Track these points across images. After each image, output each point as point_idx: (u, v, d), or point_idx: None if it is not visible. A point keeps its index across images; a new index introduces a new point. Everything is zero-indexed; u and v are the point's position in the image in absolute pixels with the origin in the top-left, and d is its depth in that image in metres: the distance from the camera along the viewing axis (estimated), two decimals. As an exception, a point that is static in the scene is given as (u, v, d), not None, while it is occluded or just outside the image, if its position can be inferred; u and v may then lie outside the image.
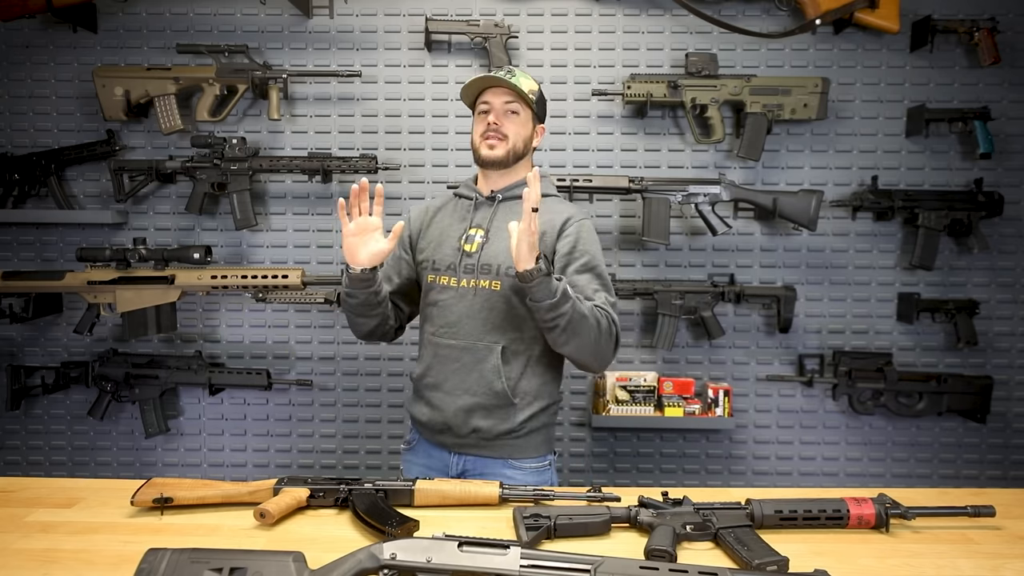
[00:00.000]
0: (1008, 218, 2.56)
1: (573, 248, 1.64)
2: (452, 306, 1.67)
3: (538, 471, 1.70)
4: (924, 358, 2.64)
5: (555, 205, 1.73)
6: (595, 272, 1.64)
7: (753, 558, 1.17)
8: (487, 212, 1.71)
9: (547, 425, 1.73)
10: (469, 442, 1.67)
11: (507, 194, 1.71)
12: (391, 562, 1.06)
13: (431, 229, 1.76)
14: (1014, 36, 2.51)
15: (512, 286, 1.62)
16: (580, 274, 1.63)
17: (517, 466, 1.68)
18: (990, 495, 1.56)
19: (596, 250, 1.67)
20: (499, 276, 1.64)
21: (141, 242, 2.45)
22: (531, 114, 1.69)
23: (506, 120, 1.66)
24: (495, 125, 1.65)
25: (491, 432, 1.65)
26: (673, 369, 2.65)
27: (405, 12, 2.57)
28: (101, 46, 2.59)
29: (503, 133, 1.65)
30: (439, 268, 1.70)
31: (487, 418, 1.65)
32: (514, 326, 1.64)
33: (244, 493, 1.42)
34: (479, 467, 1.68)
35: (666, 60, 2.57)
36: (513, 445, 1.67)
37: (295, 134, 2.60)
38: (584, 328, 1.52)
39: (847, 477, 2.67)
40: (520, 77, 1.67)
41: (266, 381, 2.54)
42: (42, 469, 2.71)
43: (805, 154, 2.59)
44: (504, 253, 1.63)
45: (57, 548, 1.26)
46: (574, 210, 1.72)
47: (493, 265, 1.65)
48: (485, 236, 1.67)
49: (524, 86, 1.66)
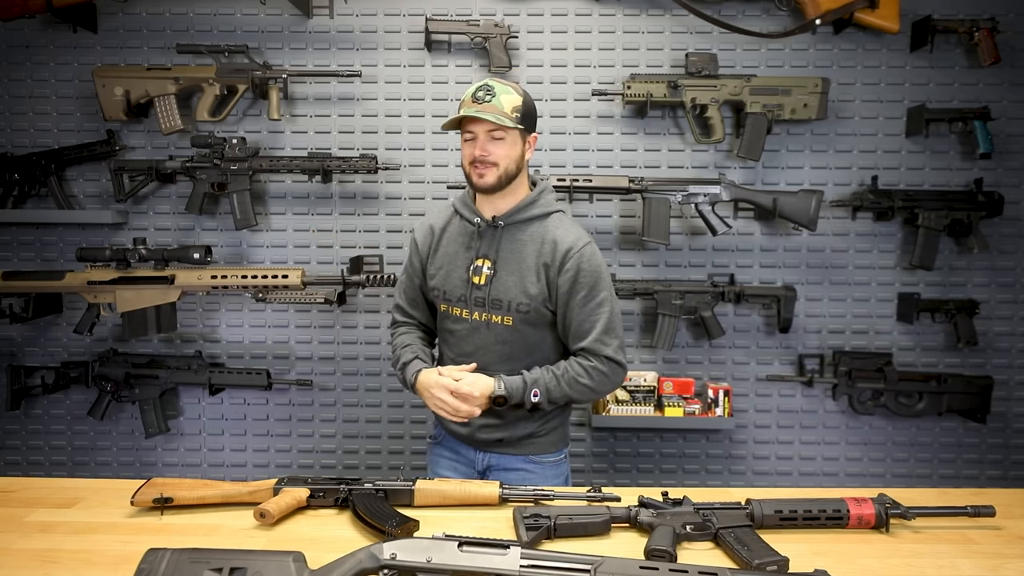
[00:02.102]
0: (1008, 218, 2.56)
1: (573, 284, 1.65)
2: (467, 337, 1.73)
3: (556, 464, 1.80)
4: (924, 358, 2.64)
5: (557, 229, 1.68)
6: (593, 304, 1.66)
7: (753, 558, 1.18)
8: (492, 240, 1.69)
9: (563, 423, 1.82)
10: (494, 446, 1.76)
11: (509, 220, 1.69)
12: (391, 562, 1.06)
13: (438, 255, 1.77)
14: (1014, 36, 2.51)
15: (524, 320, 1.68)
16: (579, 308, 1.66)
17: (537, 461, 1.77)
18: (990, 495, 1.56)
19: (595, 279, 1.66)
20: (510, 312, 1.68)
21: (141, 242, 2.45)
22: (518, 132, 1.64)
23: (492, 147, 1.61)
24: (482, 155, 1.62)
25: (513, 438, 1.74)
26: (673, 369, 2.65)
27: (405, 12, 2.56)
28: (101, 46, 2.59)
29: (491, 161, 1.62)
30: (450, 299, 1.74)
31: (508, 429, 1.73)
32: (528, 352, 1.71)
33: (244, 493, 1.43)
34: (503, 463, 1.76)
35: (666, 60, 2.57)
36: (534, 443, 1.76)
37: (295, 134, 2.60)
38: (573, 397, 1.68)
39: (847, 477, 2.67)
40: (501, 95, 1.59)
41: (266, 381, 2.54)
42: (42, 469, 2.71)
43: (805, 154, 2.59)
44: (514, 288, 1.67)
45: (57, 548, 1.26)
46: (574, 237, 1.66)
47: (503, 301, 1.68)
48: (492, 268, 1.68)
49: (507, 105, 1.59)
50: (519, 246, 1.68)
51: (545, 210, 1.70)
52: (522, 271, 1.66)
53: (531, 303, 1.66)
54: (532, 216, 1.69)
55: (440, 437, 1.86)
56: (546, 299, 1.67)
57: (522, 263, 1.67)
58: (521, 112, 1.63)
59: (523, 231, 1.68)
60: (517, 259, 1.67)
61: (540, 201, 1.71)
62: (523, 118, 1.64)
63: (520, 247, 1.68)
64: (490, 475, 1.76)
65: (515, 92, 1.63)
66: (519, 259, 1.67)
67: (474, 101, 1.60)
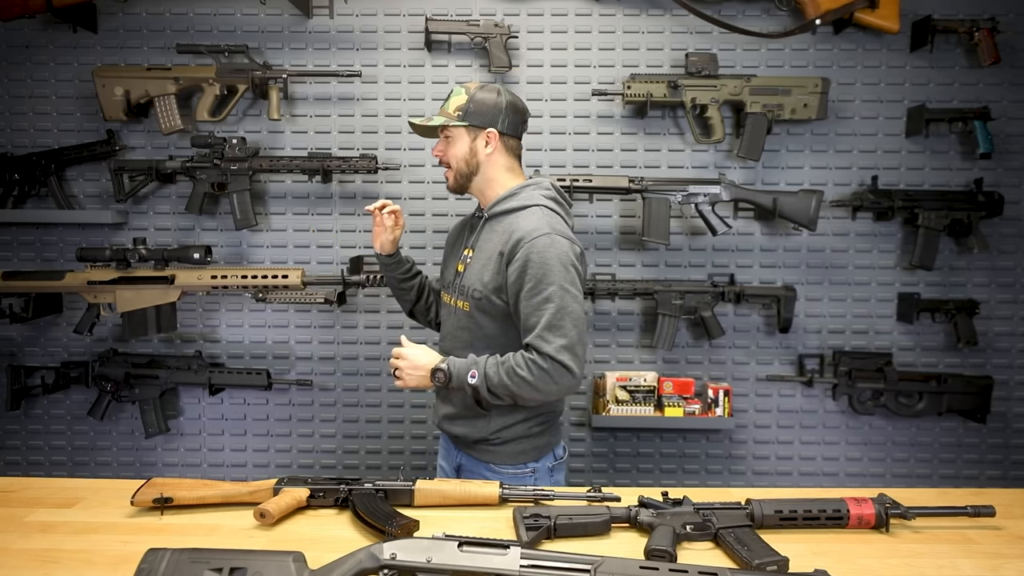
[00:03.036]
0: (1008, 218, 2.56)
1: (520, 275, 1.59)
2: (445, 322, 1.84)
3: (516, 477, 1.71)
4: (924, 358, 2.64)
5: (520, 221, 1.64)
6: (539, 298, 1.56)
7: (753, 558, 1.18)
8: (477, 231, 1.76)
9: (525, 436, 1.71)
10: (460, 443, 1.78)
11: (490, 211, 1.73)
12: (391, 562, 1.06)
13: (449, 245, 1.91)
14: (1014, 36, 2.51)
15: (476, 307, 1.69)
16: (526, 300, 1.58)
17: (496, 471, 1.72)
18: (990, 495, 1.56)
19: (544, 271, 1.56)
20: (467, 298, 1.71)
21: (141, 242, 2.45)
22: (463, 129, 1.71)
23: (442, 146, 1.76)
24: (437, 155, 1.77)
25: (468, 438, 1.74)
26: (673, 369, 2.65)
27: (405, 12, 2.56)
28: (101, 46, 2.59)
29: (446, 163, 1.76)
30: (445, 285, 1.85)
31: (464, 426, 1.73)
32: (484, 344, 1.70)
33: (244, 493, 1.43)
34: (469, 465, 1.78)
35: (666, 60, 2.57)
36: (490, 451, 1.73)
37: (295, 134, 2.60)
38: (513, 390, 1.57)
39: (847, 477, 2.67)
40: (452, 98, 1.72)
41: (266, 381, 2.54)
42: (42, 469, 2.71)
43: (805, 154, 2.59)
44: (474, 275, 1.70)
45: (57, 548, 1.26)
46: (530, 228, 1.60)
47: (467, 287, 1.71)
48: (471, 257, 1.74)
49: (451, 106, 1.70)
50: (492, 236, 1.70)
51: (524, 203, 1.68)
52: (484, 260, 1.69)
53: (483, 291, 1.66)
54: (510, 208, 1.70)
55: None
56: (499, 288, 1.64)
57: (485, 253, 1.70)
58: (465, 109, 1.69)
59: (500, 222, 1.70)
60: (487, 248, 1.70)
61: (520, 195, 1.71)
62: (467, 115, 1.69)
63: (492, 237, 1.70)
64: (463, 475, 1.78)
65: (465, 92, 1.71)
66: (486, 249, 1.70)
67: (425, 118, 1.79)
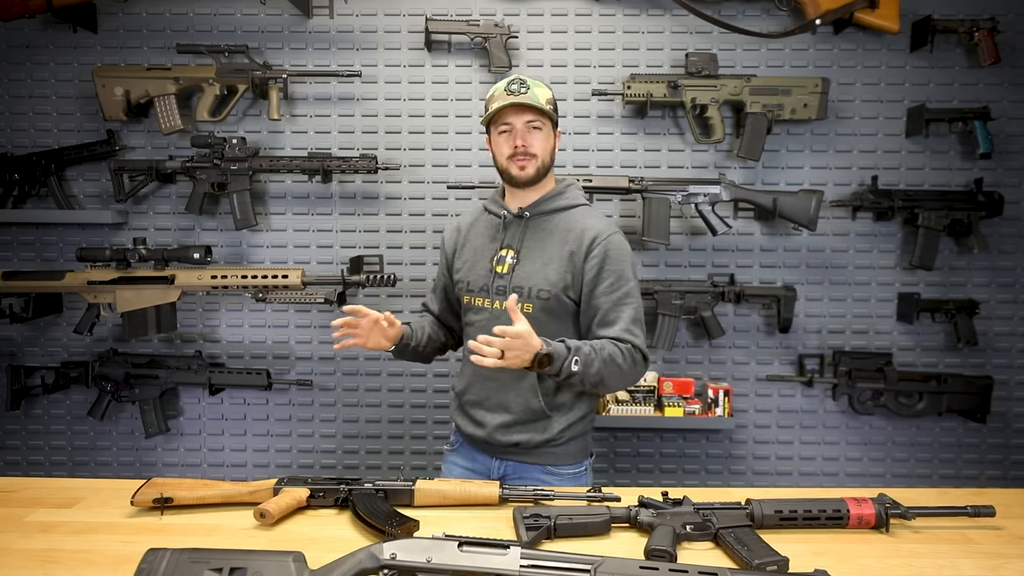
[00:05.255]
0: (1008, 218, 2.56)
1: (599, 271, 1.64)
2: (485, 327, 1.66)
3: (575, 476, 1.73)
4: (924, 358, 2.63)
5: (584, 219, 1.70)
6: (620, 293, 1.63)
7: (753, 558, 1.18)
8: (517, 231, 1.71)
9: (584, 433, 1.76)
10: (510, 451, 1.72)
11: (535, 210, 1.71)
12: (391, 562, 1.06)
13: (465, 249, 1.80)
14: (1014, 36, 2.51)
15: (543, 308, 1.65)
16: (606, 296, 1.63)
17: (555, 472, 1.71)
18: (990, 495, 1.56)
19: (622, 267, 1.65)
20: (530, 299, 1.66)
21: (141, 242, 2.45)
22: (551, 124, 1.70)
23: (531, 138, 1.66)
24: (523, 147, 1.65)
25: (530, 443, 1.69)
26: (673, 369, 2.65)
27: (405, 12, 2.56)
28: (101, 46, 2.59)
29: (531, 152, 1.66)
30: (472, 290, 1.74)
31: (525, 432, 1.69)
32: None
33: (244, 493, 1.43)
34: (519, 472, 1.72)
35: (666, 60, 2.57)
36: (552, 453, 1.71)
37: (295, 134, 2.60)
38: (604, 377, 1.57)
39: (847, 477, 2.67)
40: (534, 88, 1.65)
41: (266, 381, 2.54)
42: (42, 469, 2.71)
43: (805, 154, 2.59)
44: (535, 275, 1.66)
45: (57, 548, 1.26)
46: (602, 226, 1.68)
47: (524, 287, 1.66)
48: (516, 257, 1.69)
49: (541, 97, 1.64)
50: (544, 235, 1.69)
51: (572, 202, 1.72)
52: (544, 259, 1.67)
53: (552, 290, 1.65)
54: (558, 207, 1.71)
55: (457, 444, 1.83)
56: (568, 287, 1.65)
57: (545, 251, 1.67)
58: (553, 104, 1.70)
59: (549, 221, 1.70)
60: (541, 247, 1.68)
61: (567, 194, 1.73)
62: (555, 110, 1.70)
63: (545, 236, 1.68)
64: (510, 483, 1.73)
65: (545, 86, 1.70)
66: (543, 247, 1.68)
67: (508, 93, 1.64)
